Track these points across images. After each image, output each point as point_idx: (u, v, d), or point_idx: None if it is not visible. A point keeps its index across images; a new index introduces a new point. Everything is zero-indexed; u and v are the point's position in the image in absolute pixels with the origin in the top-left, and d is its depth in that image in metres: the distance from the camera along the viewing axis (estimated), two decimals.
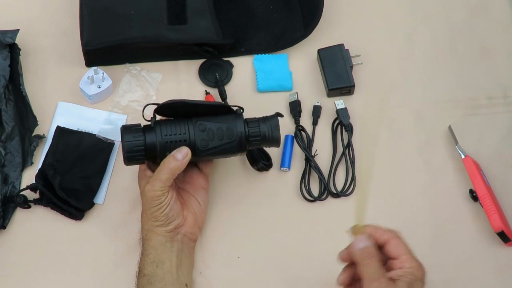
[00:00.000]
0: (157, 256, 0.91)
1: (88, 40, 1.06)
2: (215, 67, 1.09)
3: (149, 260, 0.91)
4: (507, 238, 0.96)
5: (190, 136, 0.91)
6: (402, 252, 0.79)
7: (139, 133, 0.91)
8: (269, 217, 1.01)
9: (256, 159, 1.01)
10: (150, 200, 0.90)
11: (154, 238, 0.91)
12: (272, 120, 0.95)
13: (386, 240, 0.80)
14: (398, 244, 0.79)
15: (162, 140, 0.91)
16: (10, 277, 0.96)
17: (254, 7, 1.13)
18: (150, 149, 0.91)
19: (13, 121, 1.03)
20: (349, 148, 1.03)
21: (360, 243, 0.78)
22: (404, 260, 0.79)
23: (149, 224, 0.92)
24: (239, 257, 0.98)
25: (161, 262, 0.90)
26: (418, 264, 0.79)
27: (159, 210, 0.91)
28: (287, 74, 1.09)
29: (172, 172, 0.90)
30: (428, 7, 1.16)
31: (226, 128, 0.93)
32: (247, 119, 0.95)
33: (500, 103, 1.09)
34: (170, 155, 0.90)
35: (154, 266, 0.90)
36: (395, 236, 0.80)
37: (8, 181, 1.01)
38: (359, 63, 1.09)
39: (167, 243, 0.91)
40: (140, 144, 0.91)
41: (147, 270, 0.90)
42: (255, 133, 0.94)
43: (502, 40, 1.13)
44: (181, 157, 0.90)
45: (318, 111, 1.06)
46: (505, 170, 1.03)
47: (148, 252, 0.91)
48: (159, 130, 0.91)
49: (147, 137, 0.91)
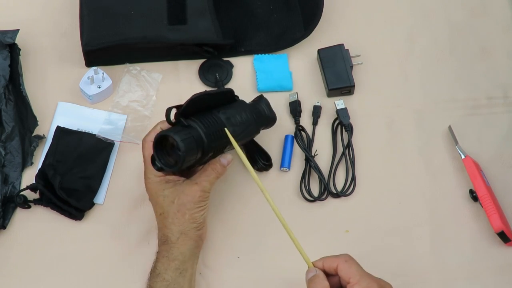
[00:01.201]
0: (183, 264, 0.89)
1: (88, 40, 1.06)
2: (215, 67, 1.09)
3: (174, 266, 0.89)
4: (507, 238, 0.96)
5: (223, 126, 0.91)
6: (351, 275, 0.81)
7: (186, 130, 0.87)
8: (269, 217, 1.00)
9: (256, 159, 1.01)
10: (198, 200, 0.89)
11: (186, 243, 0.90)
12: (263, 100, 0.98)
13: (336, 267, 0.83)
14: (346, 268, 0.82)
15: (207, 132, 0.88)
16: (10, 277, 0.96)
17: (254, 7, 1.13)
18: (200, 145, 0.87)
19: (13, 121, 1.03)
20: (349, 148, 1.03)
21: (309, 273, 0.83)
22: (353, 283, 0.81)
23: (185, 226, 0.89)
24: (239, 257, 0.98)
25: (185, 270, 0.89)
26: (368, 284, 0.81)
27: (201, 211, 0.90)
28: (287, 74, 1.09)
29: (219, 176, 0.91)
30: (428, 7, 1.16)
31: (242, 111, 0.94)
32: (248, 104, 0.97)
33: (500, 103, 1.09)
34: (216, 160, 0.91)
35: (178, 273, 0.88)
36: (343, 260, 0.83)
37: (8, 181, 1.01)
38: (359, 63, 1.09)
39: (195, 249, 0.91)
40: (192, 142, 0.86)
41: (168, 275, 0.88)
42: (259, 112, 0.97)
43: (502, 40, 1.13)
44: (226, 163, 0.92)
45: (318, 111, 1.06)
46: (505, 170, 1.04)
47: (175, 258, 0.89)
48: (197, 125, 0.88)
49: (193, 133, 0.87)
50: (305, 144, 1.04)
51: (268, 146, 1.04)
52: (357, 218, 1.01)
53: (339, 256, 0.84)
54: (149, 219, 0.98)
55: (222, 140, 0.90)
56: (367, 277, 0.82)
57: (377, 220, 1.01)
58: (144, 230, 0.98)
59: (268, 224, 1.00)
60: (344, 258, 0.83)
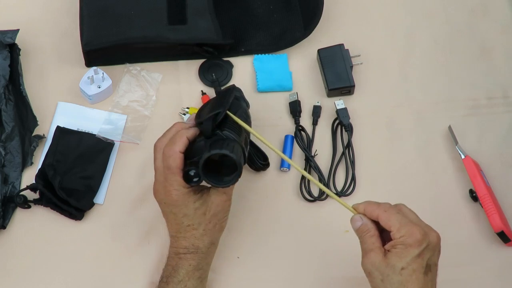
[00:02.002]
0: (205, 272, 0.91)
1: (88, 40, 1.06)
2: (215, 67, 1.09)
3: (198, 274, 0.89)
4: (507, 238, 0.96)
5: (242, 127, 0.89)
6: (391, 224, 0.81)
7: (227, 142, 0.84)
8: (269, 217, 1.01)
9: (253, 159, 1.01)
10: (227, 210, 0.90)
11: (213, 251, 0.91)
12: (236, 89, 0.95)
13: (377, 216, 0.83)
14: (386, 218, 0.82)
15: (241, 140, 0.86)
16: (10, 277, 0.96)
17: (254, 7, 1.13)
18: (244, 155, 0.86)
19: (13, 121, 1.03)
20: (349, 148, 1.03)
21: (356, 222, 0.83)
22: (394, 232, 0.81)
23: (215, 236, 0.91)
24: (239, 257, 0.98)
25: (205, 278, 0.91)
26: (408, 230, 0.80)
27: (227, 219, 0.91)
28: (287, 74, 1.09)
29: None
30: (428, 7, 1.16)
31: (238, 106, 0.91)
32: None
33: (500, 103, 1.09)
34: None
35: (199, 282, 0.90)
36: (382, 210, 0.83)
37: (8, 181, 1.01)
38: (359, 63, 1.09)
39: (214, 256, 0.93)
40: (240, 153, 0.84)
41: (190, 283, 0.89)
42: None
43: (502, 40, 1.13)
44: None
45: (318, 111, 1.06)
46: (505, 170, 1.04)
47: (201, 267, 0.90)
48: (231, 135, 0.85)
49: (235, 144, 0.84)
50: (305, 144, 1.04)
51: None
52: None
53: (380, 205, 0.83)
54: (149, 219, 0.98)
55: (247, 140, 0.90)
56: (408, 223, 0.81)
57: None
58: (144, 230, 0.98)
59: (268, 224, 1.00)
60: (383, 207, 0.83)
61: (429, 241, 0.81)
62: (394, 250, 0.80)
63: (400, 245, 0.80)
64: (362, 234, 0.83)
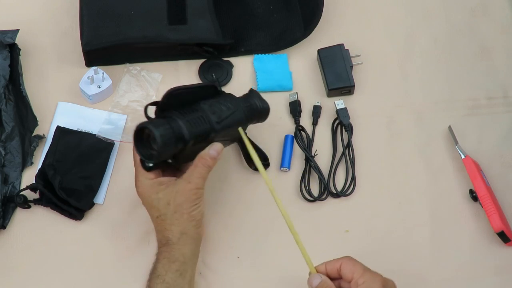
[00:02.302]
0: (183, 265, 0.88)
1: (88, 40, 1.06)
2: (215, 67, 1.09)
3: (174, 268, 0.88)
4: (507, 238, 0.96)
5: (205, 113, 0.89)
6: (354, 270, 0.83)
7: (163, 120, 0.86)
8: (269, 217, 1.00)
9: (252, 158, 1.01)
10: (193, 199, 0.88)
11: (188, 242, 0.89)
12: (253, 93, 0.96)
13: (338, 267, 0.84)
14: (348, 266, 0.84)
15: (186, 122, 0.87)
16: (10, 277, 0.96)
17: (254, 7, 1.13)
18: (179, 133, 0.86)
19: (13, 121, 1.03)
20: (349, 148, 1.03)
21: (314, 280, 0.84)
22: (356, 278, 0.83)
23: (185, 225, 0.89)
24: (239, 257, 0.98)
25: (185, 271, 0.88)
26: (371, 276, 0.83)
27: (198, 208, 0.89)
28: (287, 74, 1.09)
29: (209, 167, 0.89)
30: (428, 7, 1.16)
31: (227, 100, 0.92)
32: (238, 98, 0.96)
33: (500, 103, 1.09)
34: (205, 153, 0.89)
35: (178, 275, 0.88)
36: (345, 260, 0.85)
37: (8, 181, 1.01)
38: (359, 63, 1.09)
39: (196, 249, 0.91)
40: (168, 129, 0.86)
41: (168, 277, 0.87)
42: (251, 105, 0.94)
43: (502, 40, 1.13)
44: (216, 153, 0.89)
45: (318, 111, 1.06)
46: (505, 170, 1.04)
47: (176, 259, 0.88)
48: (175, 116, 0.87)
49: (171, 122, 0.86)
50: (305, 144, 1.04)
51: (268, 146, 1.04)
52: (357, 218, 1.01)
53: (341, 258, 0.86)
54: (149, 219, 0.97)
55: (204, 127, 0.89)
56: (370, 271, 0.83)
57: (377, 220, 1.01)
58: (144, 230, 0.98)
59: (268, 224, 1.00)
60: (347, 258, 0.85)
61: (390, 286, 0.84)
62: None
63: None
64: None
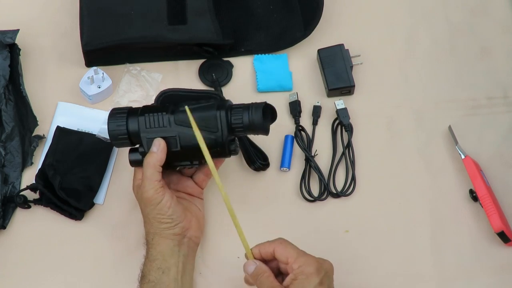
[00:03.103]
0: (164, 262, 0.89)
1: (88, 40, 1.06)
2: (215, 67, 1.09)
3: (155, 266, 0.89)
4: (507, 238, 0.96)
5: (172, 131, 0.90)
6: (288, 254, 0.83)
7: (123, 120, 0.92)
8: (269, 217, 1.01)
9: (253, 159, 1.01)
10: (147, 202, 0.90)
11: (162, 242, 0.90)
12: (256, 107, 0.90)
13: (272, 251, 0.84)
14: (282, 250, 0.84)
15: (144, 134, 0.91)
16: (10, 277, 0.96)
17: (254, 7, 1.13)
18: (134, 136, 0.91)
19: (13, 121, 1.03)
20: (349, 148, 1.03)
21: (249, 267, 0.85)
22: (291, 263, 0.83)
23: (155, 227, 0.90)
24: (239, 257, 0.98)
25: (167, 269, 0.89)
26: (305, 260, 0.82)
27: (160, 211, 0.90)
28: (287, 74, 1.09)
29: (153, 166, 0.89)
30: (428, 7, 1.16)
31: (208, 118, 0.90)
32: (233, 106, 0.91)
33: (500, 103, 1.09)
34: (148, 152, 0.90)
35: (160, 273, 0.89)
36: (278, 243, 0.85)
37: (8, 181, 1.01)
38: (359, 63, 1.09)
39: (175, 247, 0.91)
40: (123, 133, 0.91)
41: (152, 276, 0.89)
42: (237, 120, 0.90)
43: (502, 40, 1.13)
44: (155, 148, 0.90)
45: (318, 111, 1.06)
46: (505, 170, 1.04)
47: (155, 258, 0.90)
48: (142, 122, 0.91)
49: (130, 125, 0.91)
50: (305, 144, 1.04)
51: (268, 146, 1.04)
52: (357, 218, 1.01)
53: (274, 241, 0.85)
54: None
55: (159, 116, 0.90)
56: (304, 254, 0.84)
57: (377, 220, 1.01)
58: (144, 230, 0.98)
59: (268, 224, 1.00)
60: (279, 241, 0.85)
61: (326, 268, 0.83)
62: (296, 282, 0.81)
63: (301, 275, 0.81)
64: (258, 277, 0.84)
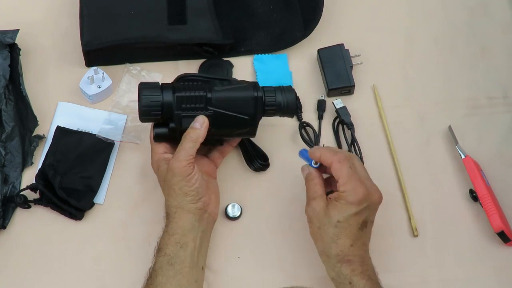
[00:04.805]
0: (183, 237, 0.90)
1: (88, 40, 1.06)
2: (215, 67, 1.09)
3: (174, 240, 0.90)
4: (507, 238, 0.96)
5: (207, 111, 0.91)
6: (340, 176, 0.87)
7: (157, 90, 0.92)
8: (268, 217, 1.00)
9: (253, 159, 1.01)
10: (178, 173, 0.90)
11: (184, 216, 0.91)
12: (288, 89, 0.96)
13: (330, 163, 0.88)
14: (337, 169, 0.87)
15: (179, 111, 0.91)
16: (10, 277, 0.96)
17: (254, 7, 1.13)
18: (167, 111, 0.91)
19: (13, 121, 1.03)
20: (354, 145, 1.03)
21: (303, 171, 0.92)
22: (340, 184, 0.87)
23: (179, 200, 0.91)
24: (239, 257, 0.98)
25: (185, 244, 0.90)
26: (353, 188, 0.86)
27: (188, 183, 0.90)
28: (287, 74, 1.09)
29: (194, 141, 0.90)
30: (428, 7, 1.16)
31: (244, 103, 0.93)
32: (264, 88, 0.95)
33: (500, 103, 1.09)
34: (190, 127, 0.91)
35: (178, 247, 0.89)
36: (337, 160, 0.88)
37: (8, 181, 1.01)
38: (359, 63, 1.09)
39: (196, 222, 0.91)
40: (158, 101, 0.91)
41: (169, 250, 0.89)
42: (271, 101, 0.94)
43: (502, 40, 1.13)
44: (199, 125, 0.91)
45: (323, 105, 1.06)
46: (505, 170, 1.04)
47: (174, 232, 0.90)
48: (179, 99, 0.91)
49: (165, 99, 0.91)
50: (312, 140, 1.03)
51: (268, 146, 1.03)
52: None
53: (336, 154, 0.88)
54: (149, 219, 0.98)
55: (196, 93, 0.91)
56: (355, 180, 0.87)
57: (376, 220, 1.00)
58: (144, 230, 0.98)
59: (269, 224, 1.00)
60: (338, 157, 0.88)
61: (371, 201, 0.87)
62: (335, 203, 0.86)
63: (342, 200, 0.86)
64: (308, 182, 0.90)
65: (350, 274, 0.86)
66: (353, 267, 0.86)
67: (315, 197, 0.88)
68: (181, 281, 0.88)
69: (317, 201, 0.88)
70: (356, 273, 0.85)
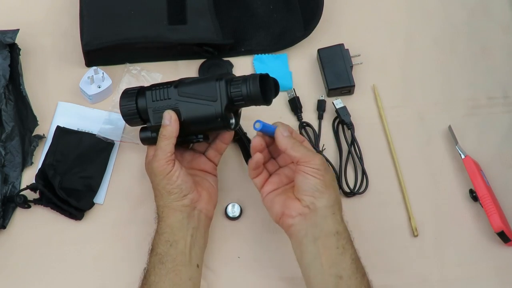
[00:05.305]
0: (172, 235, 0.90)
1: (88, 40, 1.06)
2: (215, 67, 1.09)
3: (163, 239, 0.90)
4: (507, 238, 0.96)
5: (174, 102, 0.92)
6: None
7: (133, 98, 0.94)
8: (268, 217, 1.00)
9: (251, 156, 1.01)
10: (159, 173, 0.91)
11: (171, 215, 0.91)
12: (253, 78, 0.91)
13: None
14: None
15: (150, 107, 0.93)
16: (10, 277, 0.96)
17: (254, 7, 1.13)
18: (143, 113, 0.94)
19: (13, 121, 1.03)
20: (354, 145, 1.03)
21: (285, 132, 0.90)
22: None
23: (164, 200, 0.91)
24: (239, 257, 0.98)
25: (175, 242, 0.90)
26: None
27: (169, 181, 0.90)
28: (287, 74, 1.09)
29: (168, 137, 0.91)
30: (428, 7, 1.16)
31: (207, 89, 0.92)
32: (234, 78, 0.92)
33: (500, 103, 1.09)
34: (161, 126, 0.92)
35: (168, 246, 0.89)
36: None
37: (8, 181, 1.01)
38: (359, 63, 1.09)
39: (184, 219, 0.91)
40: (133, 109, 0.94)
41: (160, 249, 0.90)
42: (236, 91, 0.90)
43: (502, 40, 1.13)
44: (167, 121, 0.91)
45: (323, 105, 1.06)
46: (505, 170, 1.04)
47: (163, 231, 0.90)
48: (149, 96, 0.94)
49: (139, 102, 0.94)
50: (312, 140, 1.04)
51: None
52: (356, 218, 1.00)
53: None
54: (149, 219, 0.97)
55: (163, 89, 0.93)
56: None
57: (376, 219, 1.01)
58: (144, 230, 0.98)
59: (268, 224, 1.00)
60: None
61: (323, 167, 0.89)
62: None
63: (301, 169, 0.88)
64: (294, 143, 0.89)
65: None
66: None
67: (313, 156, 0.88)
68: (174, 279, 0.88)
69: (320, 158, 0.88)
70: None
